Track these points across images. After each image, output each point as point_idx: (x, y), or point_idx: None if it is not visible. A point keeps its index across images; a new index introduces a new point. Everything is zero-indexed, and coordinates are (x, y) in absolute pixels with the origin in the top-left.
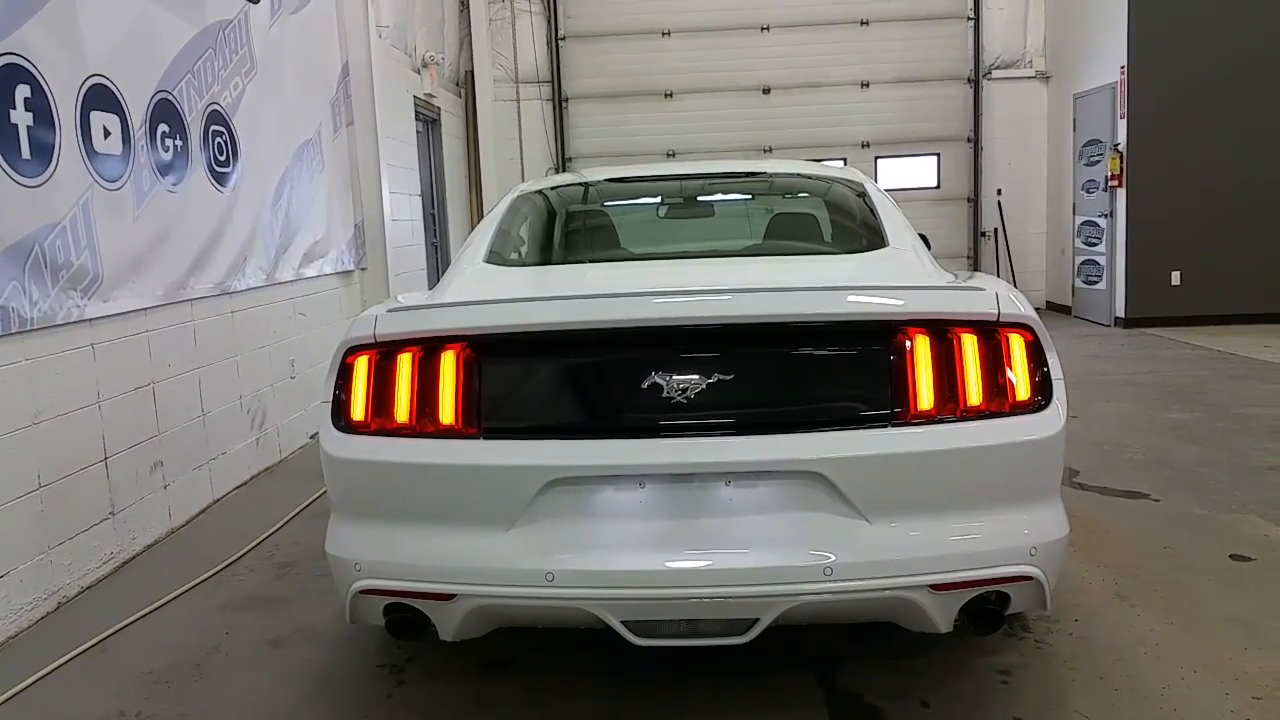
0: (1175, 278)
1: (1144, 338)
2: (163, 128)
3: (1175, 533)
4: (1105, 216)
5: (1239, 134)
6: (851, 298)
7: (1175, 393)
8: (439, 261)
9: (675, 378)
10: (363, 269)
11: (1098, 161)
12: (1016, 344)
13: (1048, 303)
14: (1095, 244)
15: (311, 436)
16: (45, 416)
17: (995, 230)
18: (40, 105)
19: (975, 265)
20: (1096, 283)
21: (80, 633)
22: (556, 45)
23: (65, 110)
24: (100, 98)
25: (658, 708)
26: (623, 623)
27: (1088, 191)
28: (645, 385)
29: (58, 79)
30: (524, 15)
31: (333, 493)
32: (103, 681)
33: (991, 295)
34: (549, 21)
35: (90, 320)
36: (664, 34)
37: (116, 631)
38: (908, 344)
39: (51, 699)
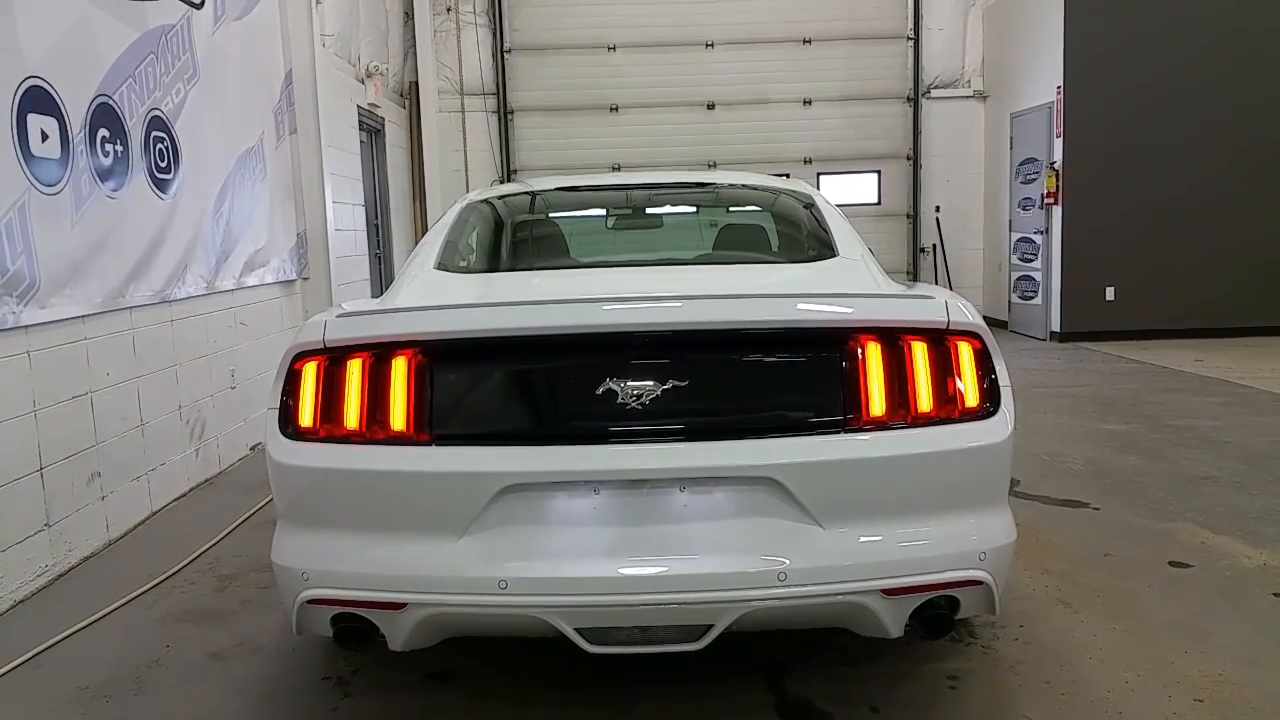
0: (1110, 293)
1: (1079, 352)
2: (103, 132)
3: (1115, 540)
4: (1041, 233)
5: (1172, 153)
6: (803, 305)
7: (1111, 405)
8: (382, 272)
9: (629, 384)
10: (305, 279)
11: (1034, 179)
12: (965, 351)
13: (985, 318)
14: (1031, 260)
15: (252, 448)
16: None
17: (934, 246)
18: None
19: (915, 280)
20: (1032, 298)
21: (13, 648)
22: (502, 57)
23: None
24: (37, 100)
25: (608, 717)
26: (576, 630)
27: (1024, 209)
28: (599, 391)
29: None
30: (469, 27)
31: (279, 501)
32: (37, 698)
33: (941, 303)
34: (494, 34)
35: (26, 327)
36: (610, 48)
37: (51, 646)
38: (859, 351)
39: None
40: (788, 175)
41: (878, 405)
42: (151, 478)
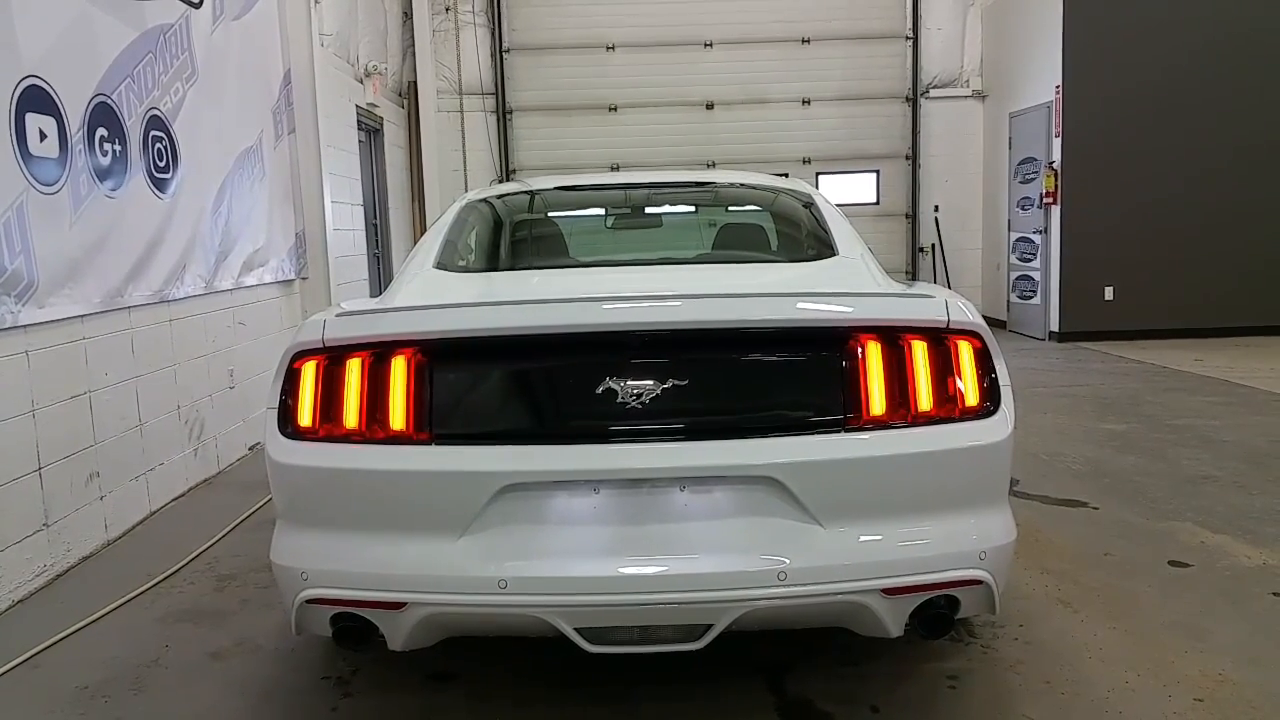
0: (1108, 293)
1: (1078, 351)
2: (101, 132)
3: (1114, 540)
4: (1040, 233)
5: (1170, 153)
6: (802, 304)
7: (1110, 405)
8: (380, 272)
9: (629, 383)
10: (304, 278)
11: (1033, 179)
12: (965, 350)
13: (984, 318)
14: (1030, 260)
15: (251, 447)
16: None
17: (933, 246)
18: None
19: (914, 280)
20: (1031, 298)
21: (11, 648)
22: (500, 57)
23: None
24: (36, 99)
25: (608, 717)
26: (576, 629)
27: (1023, 208)
28: (599, 390)
29: None
30: (468, 27)
31: (279, 500)
32: (35, 698)
33: (941, 302)
34: (493, 33)
35: (25, 327)
36: (608, 48)
37: (50, 646)
38: (859, 350)
39: None
40: (787, 175)
41: (878, 404)
42: (150, 477)
